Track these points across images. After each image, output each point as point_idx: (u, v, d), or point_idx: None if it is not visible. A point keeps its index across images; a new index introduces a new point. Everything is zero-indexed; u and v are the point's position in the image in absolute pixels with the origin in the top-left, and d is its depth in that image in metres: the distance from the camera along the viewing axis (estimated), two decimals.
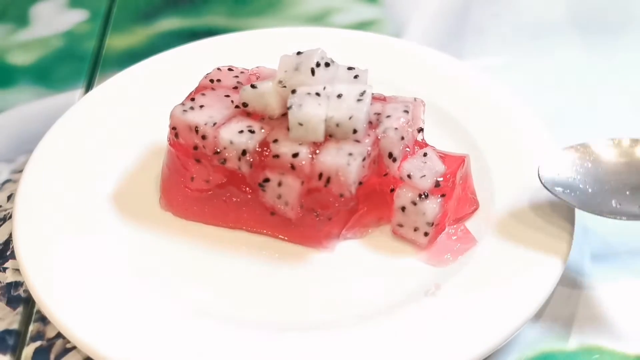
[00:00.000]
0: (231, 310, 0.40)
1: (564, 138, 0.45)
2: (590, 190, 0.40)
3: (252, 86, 0.42)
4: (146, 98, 0.50)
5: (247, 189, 0.42)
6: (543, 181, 0.40)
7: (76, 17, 0.62)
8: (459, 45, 0.59)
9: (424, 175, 0.41)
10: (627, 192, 0.40)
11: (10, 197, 0.48)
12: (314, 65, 0.41)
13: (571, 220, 0.42)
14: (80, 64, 0.58)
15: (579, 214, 0.42)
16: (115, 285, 0.40)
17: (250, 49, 0.53)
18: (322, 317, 0.39)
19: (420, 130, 0.44)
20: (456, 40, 0.60)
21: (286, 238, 0.43)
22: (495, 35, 0.60)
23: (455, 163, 0.42)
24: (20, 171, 0.49)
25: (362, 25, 0.61)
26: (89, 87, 0.56)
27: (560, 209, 0.42)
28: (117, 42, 0.60)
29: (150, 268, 0.41)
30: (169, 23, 0.62)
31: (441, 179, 0.41)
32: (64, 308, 0.39)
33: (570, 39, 0.59)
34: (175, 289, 0.41)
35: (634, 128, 0.50)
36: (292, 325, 0.39)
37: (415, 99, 0.44)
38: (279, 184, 0.41)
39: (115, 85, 0.51)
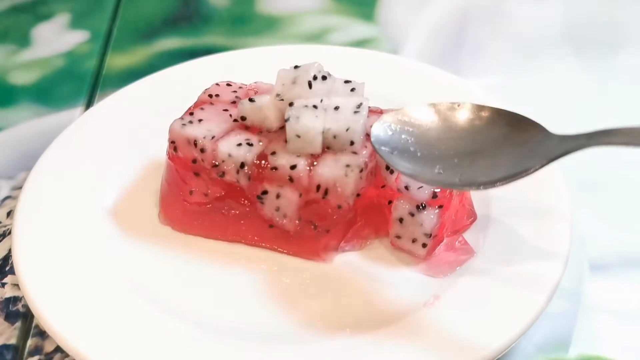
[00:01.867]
0: (231, 323, 0.40)
1: None
2: (419, 154, 0.38)
3: (250, 100, 0.42)
4: (145, 114, 0.50)
5: (246, 201, 0.42)
6: (372, 139, 0.39)
7: (77, 37, 0.63)
8: (455, 63, 0.60)
9: (421, 187, 0.41)
10: (455, 160, 0.38)
11: (9, 214, 0.48)
12: (311, 79, 0.42)
13: (569, 230, 0.42)
14: (80, 83, 0.58)
15: (578, 224, 0.42)
16: (114, 299, 0.40)
17: (248, 66, 0.54)
18: (320, 329, 0.39)
19: None
20: (453, 58, 0.60)
21: (284, 251, 0.43)
22: (491, 53, 0.61)
23: None
24: (20, 188, 0.49)
25: (360, 44, 0.62)
26: (89, 105, 0.57)
27: (558, 219, 0.42)
28: (117, 61, 0.61)
29: (149, 282, 0.41)
30: (169, 43, 0.63)
31: (438, 190, 0.41)
32: (63, 321, 0.38)
33: (566, 56, 0.60)
34: (174, 303, 0.40)
35: None
36: (291, 337, 0.39)
37: None
38: (277, 196, 0.41)
39: (114, 102, 0.51)
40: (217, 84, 0.46)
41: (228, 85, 0.46)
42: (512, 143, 0.38)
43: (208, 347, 0.38)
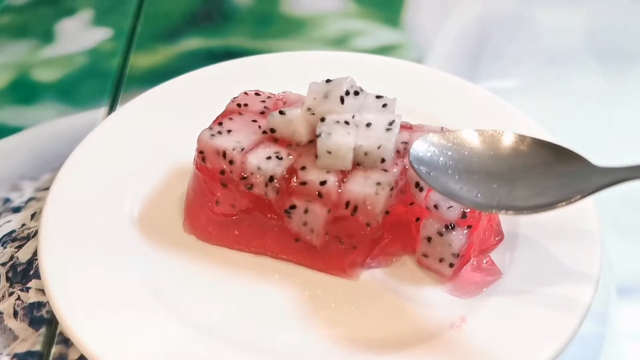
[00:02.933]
0: (253, 336, 0.40)
1: None
2: (457, 177, 0.39)
3: (281, 112, 0.42)
4: (171, 119, 0.50)
5: (273, 215, 0.42)
6: (411, 158, 0.39)
7: (100, 34, 0.63)
8: (479, 69, 0.59)
9: (451, 206, 0.41)
10: (494, 186, 0.38)
11: (34, 216, 0.48)
12: (343, 94, 0.41)
13: (599, 251, 0.41)
14: (104, 81, 0.58)
15: (605, 247, 0.41)
16: (138, 308, 0.40)
17: (275, 71, 0.53)
18: (344, 347, 0.39)
19: None
20: (476, 64, 0.60)
21: (310, 265, 0.43)
22: (514, 60, 0.61)
23: None
24: (44, 189, 0.49)
25: (384, 50, 0.61)
26: (112, 105, 0.56)
27: (586, 240, 0.42)
28: (140, 60, 0.60)
29: (173, 291, 0.41)
30: (192, 43, 0.62)
31: (468, 209, 0.41)
32: (87, 330, 0.38)
33: (586, 64, 0.60)
34: (198, 313, 0.40)
35: None
36: (313, 354, 0.39)
37: (442, 129, 0.44)
38: (306, 211, 0.41)
39: (140, 105, 0.51)
40: (245, 93, 0.46)
41: (256, 94, 0.46)
42: (553, 173, 0.38)
43: (226, 356, 0.38)
